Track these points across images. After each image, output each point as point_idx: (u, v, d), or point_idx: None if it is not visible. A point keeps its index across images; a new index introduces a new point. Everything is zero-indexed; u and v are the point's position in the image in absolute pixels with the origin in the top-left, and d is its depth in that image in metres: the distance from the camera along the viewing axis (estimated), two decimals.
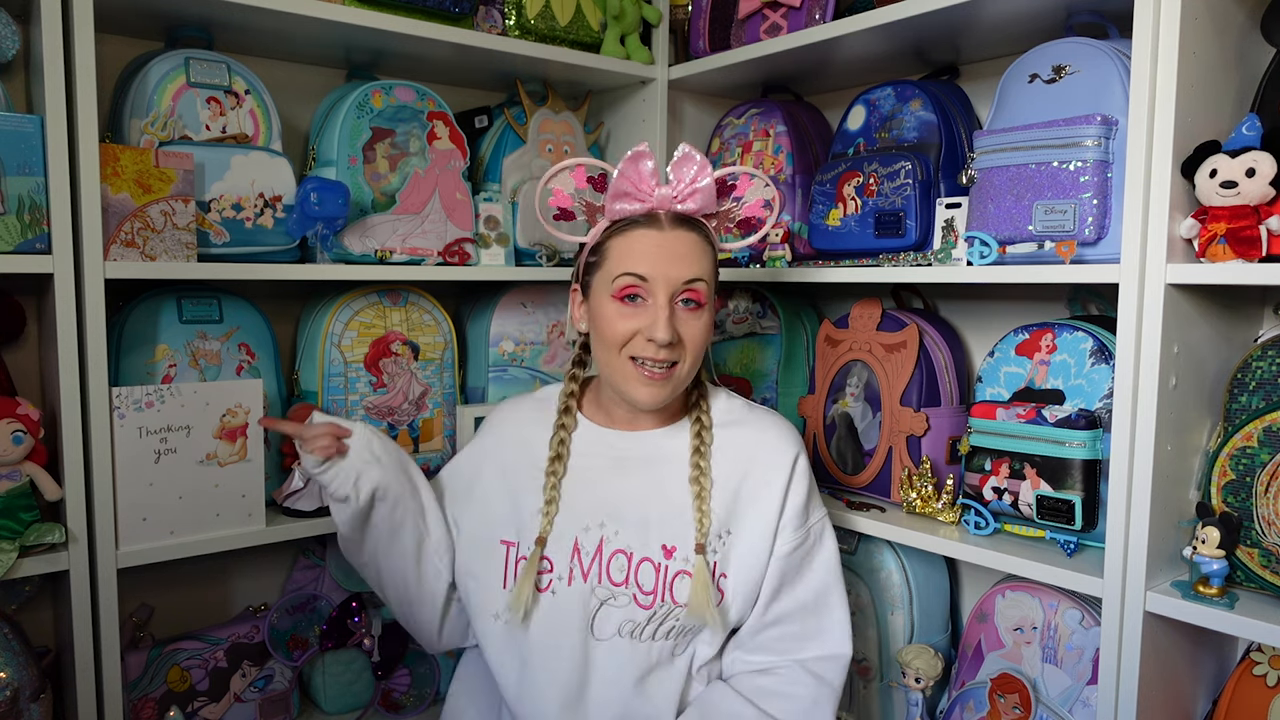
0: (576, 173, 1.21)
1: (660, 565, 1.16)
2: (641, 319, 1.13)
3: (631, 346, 1.14)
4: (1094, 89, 1.23)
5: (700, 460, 1.19)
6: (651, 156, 1.14)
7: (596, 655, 1.16)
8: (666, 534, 1.17)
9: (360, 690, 1.61)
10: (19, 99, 1.35)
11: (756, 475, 1.20)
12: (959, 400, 1.50)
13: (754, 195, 1.23)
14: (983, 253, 1.29)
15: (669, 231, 1.15)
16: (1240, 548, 1.12)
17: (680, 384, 1.18)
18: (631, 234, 1.15)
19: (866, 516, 1.44)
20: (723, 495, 1.18)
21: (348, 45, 1.55)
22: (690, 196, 1.15)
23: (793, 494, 1.20)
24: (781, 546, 1.18)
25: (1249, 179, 1.06)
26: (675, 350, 1.14)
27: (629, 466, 1.21)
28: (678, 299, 1.14)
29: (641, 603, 1.16)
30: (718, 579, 1.17)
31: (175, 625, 1.55)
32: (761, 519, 1.18)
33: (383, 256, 1.51)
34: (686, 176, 1.14)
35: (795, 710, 1.17)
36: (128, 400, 1.26)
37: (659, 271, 1.13)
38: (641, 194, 1.14)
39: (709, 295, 1.17)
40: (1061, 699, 1.31)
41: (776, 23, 1.60)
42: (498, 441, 1.29)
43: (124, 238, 1.26)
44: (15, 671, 1.22)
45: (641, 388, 1.15)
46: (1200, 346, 1.19)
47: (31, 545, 1.20)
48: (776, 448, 1.22)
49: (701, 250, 1.16)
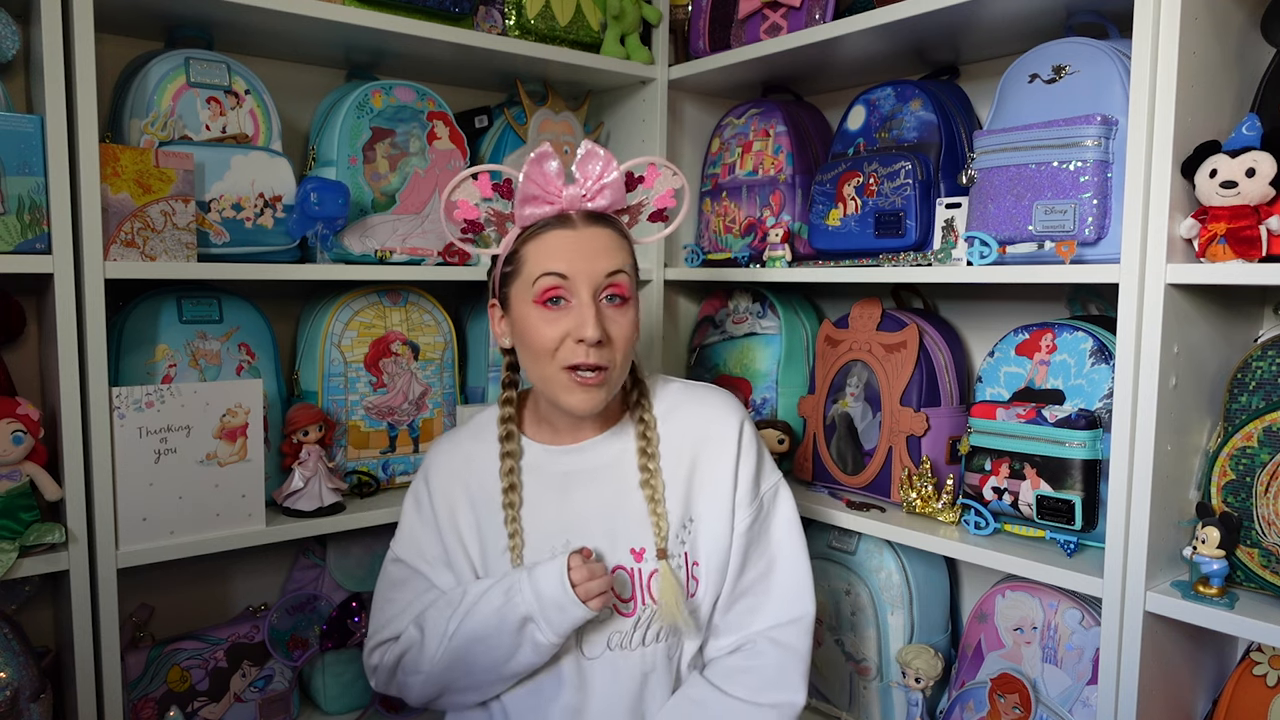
0: (480, 181, 1.17)
1: (633, 570, 1.15)
2: (567, 321, 1.09)
3: (562, 354, 1.10)
4: (1094, 89, 1.23)
5: (649, 463, 1.17)
6: (555, 157, 1.11)
7: (592, 674, 1.15)
8: (633, 537, 1.16)
9: (360, 690, 1.61)
10: (19, 99, 1.35)
11: (706, 454, 1.19)
12: (959, 400, 1.50)
13: (663, 185, 1.20)
14: (983, 253, 1.29)
15: (583, 229, 1.12)
16: (1240, 548, 1.12)
17: (615, 385, 1.14)
18: (545, 236, 1.12)
19: (866, 516, 1.44)
20: (677, 487, 1.17)
21: (348, 45, 1.55)
22: (599, 193, 1.12)
23: (743, 467, 1.19)
24: (740, 523, 1.18)
25: (1249, 179, 1.06)
26: (605, 351, 1.10)
27: (581, 480, 1.19)
28: (601, 295, 1.11)
29: (623, 611, 1.15)
30: (691, 568, 1.17)
31: (175, 625, 1.55)
32: (718, 499, 1.18)
33: (383, 256, 1.51)
34: (593, 173, 1.12)
35: (759, 683, 1.15)
36: (128, 400, 1.26)
37: (578, 268, 1.09)
38: (550, 195, 1.11)
39: (633, 289, 1.14)
40: (1061, 699, 1.31)
41: (776, 23, 1.60)
42: (445, 498, 1.22)
43: (124, 238, 1.26)
44: (15, 671, 1.22)
45: (577, 395, 1.11)
46: (1200, 346, 1.19)
47: (31, 545, 1.20)
48: (720, 421, 1.20)
49: (619, 244, 1.14)
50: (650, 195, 1.20)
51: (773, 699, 1.14)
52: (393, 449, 1.59)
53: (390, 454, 1.59)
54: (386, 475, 1.59)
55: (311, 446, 1.45)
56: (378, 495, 1.56)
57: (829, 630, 1.59)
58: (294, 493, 1.43)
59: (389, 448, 1.59)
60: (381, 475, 1.58)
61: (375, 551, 1.62)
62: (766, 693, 1.15)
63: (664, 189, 1.20)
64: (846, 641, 1.57)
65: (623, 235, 1.16)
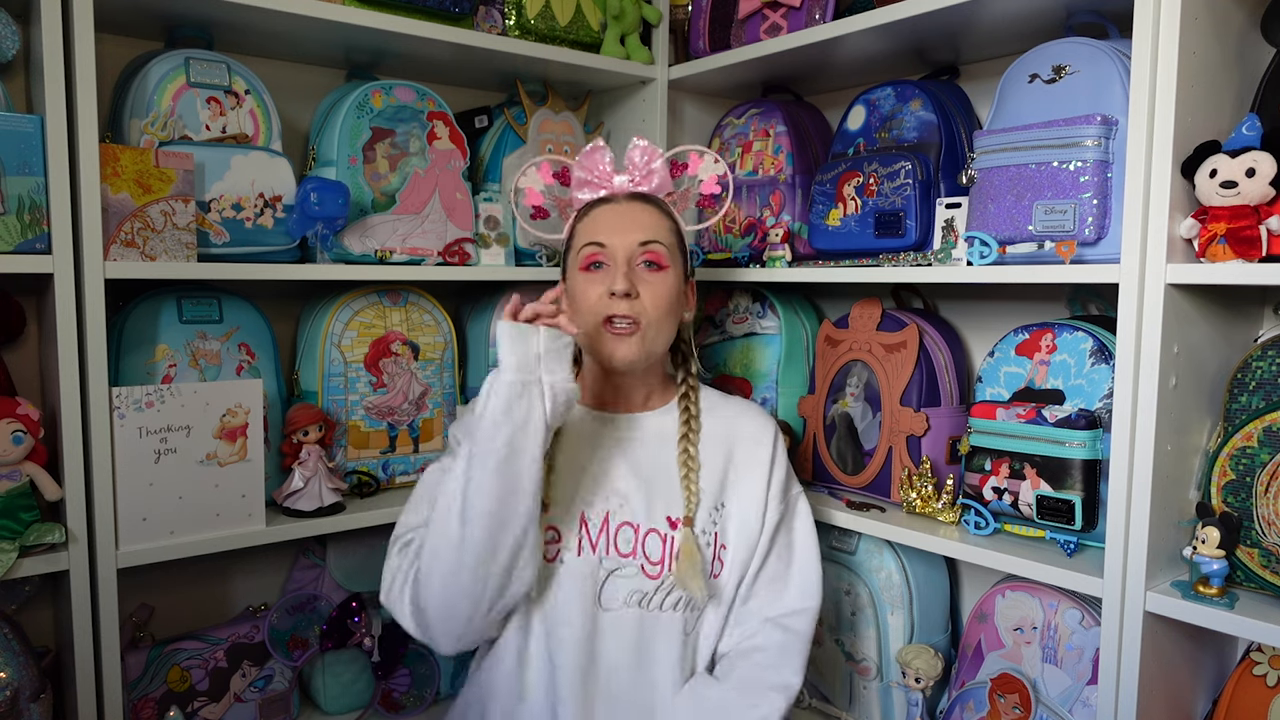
0: (542, 169, 1.35)
1: (666, 536, 1.21)
2: (604, 281, 1.21)
3: (599, 307, 1.21)
4: (1094, 89, 1.23)
5: (688, 445, 1.26)
6: (608, 150, 1.27)
7: (604, 625, 1.19)
8: (669, 507, 1.22)
9: (360, 690, 1.61)
10: (19, 99, 1.35)
11: (742, 450, 1.28)
12: (959, 400, 1.50)
13: (707, 171, 1.34)
14: (983, 253, 1.29)
15: (625, 204, 1.26)
16: (1240, 548, 1.12)
17: (650, 343, 1.22)
18: (593, 212, 1.27)
19: (866, 516, 1.44)
20: (712, 473, 1.26)
21: (348, 45, 1.55)
22: (645, 179, 1.27)
23: (777, 466, 1.29)
24: (771, 517, 1.26)
25: (1249, 179, 1.06)
26: (634, 304, 1.20)
27: (629, 446, 1.27)
28: (638, 261, 1.22)
29: (649, 573, 1.20)
30: (718, 550, 1.24)
31: (175, 625, 1.55)
32: (752, 491, 1.27)
33: (383, 256, 1.51)
34: (640, 161, 1.27)
35: (761, 663, 1.21)
36: (128, 400, 1.26)
37: (615, 239, 1.22)
38: (600, 180, 1.27)
39: (670, 259, 1.24)
40: (1061, 699, 1.31)
41: (776, 23, 1.60)
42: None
43: (124, 238, 1.26)
44: (15, 671, 1.22)
45: (614, 344, 1.21)
46: (1200, 346, 1.19)
47: (31, 545, 1.20)
48: (756, 422, 1.31)
49: (658, 218, 1.26)
50: (695, 181, 1.34)
51: (772, 680, 1.20)
52: (393, 449, 1.59)
53: (390, 454, 1.59)
54: (386, 475, 1.59)
55: (311, 446, 1.45)
56: (378, 495, 1.56)
57: (829, 630, 1.59)
58: (294, 493, 1.43)
59: (389, 448, 1.59)
60: (381, 475, 1.58)
61: (375, 551, 1.62)
62: (766, 674, 1.21)
63: (708, 175, 1.34)
64: (846, 641, 1.57)
65: (665, 213, 1.28)
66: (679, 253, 1.27)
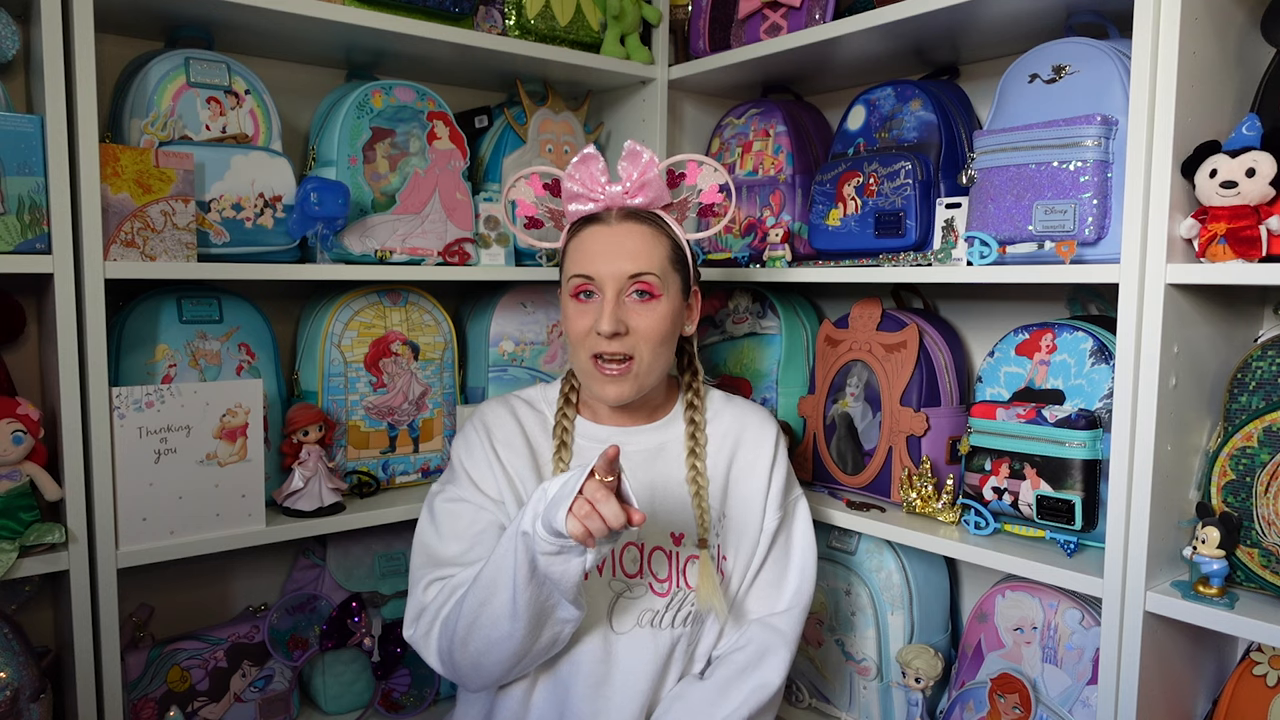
0: (532, 181, 1.28)
1: (671, 553, 1.21)
2: (593, 314, 1.17)
3: (589, 343, 1.17)
4: (1094, 89, 1.23)
5: (696, 462, 1.24)
6: (600, 158, 1.18)
7: (618, 648, 1.18)
8: (674, 522, 1.22)
9: (360, 690, 1.61)
10: (19, 99, 1.35)
11: (743, 456, 1.28)
12: (959, 400, 1.50)
13: (707, 181, 1.27)
14: (983, 253, 1.29)
15: (617, 226, 1.19)
16: (1240, 548, 1.12)
17: (644, 377, 1.19)
18: (583, 233, 1.20)
19: (866, 516, 1.44)
20: (715, 483, 1.25)
21: (348, 45, 1.55)
22: (640, 190, 1.18)
23: (776, 473, 1.28)
24: (769, 524, 1.26)
25: (1249, 179, 1.06)
26: (625, 341, 1.16)
27: (633, 462, 1.23)
28: (628, 293, 1.18)
29: (658, 590, 1.20)
30: (719, 562, 1.23)
31: (175, 625, 1.55)
32: (752, 498, 1.26)
33: (383, 256, 1.51)
34: (635, 171, 1.18)
35: (740, 662, 1.21)
36: (128, 400, 1.26)
37: (605, 270, 1.17)
38: (593, 193, 1.19)
39: (664, 286, 1.19)
40: (1061, 699, 1.31)
41: (776, 23, 1.60)
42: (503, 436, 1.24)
43: (124, 238, 1.26)
44: (15, 671, 1.22)
45: (603, 385, 1.18)
46: (1200, 346, 1.19)
47: (31, 545, 1.20)
48: (758, 428, 1.30)
49: (653, 242, 1.19)
50: (695, 191, 1.28)
51: (748, 679, 1.20)
52: (393, 449, 1.59)
53: (390, 454, 1.59)
54: (386, 475, 1.59)
55: (311, 446, 1.45)
56: (378, 495, 1.56)
57: (829, 630, 1.59)
58: (294, 493, 1.43)
59: (389, 448, 1.59)
60: (381, 475, 1.58)
61: (375, 551, 1.62)
62: (744, 673, 1.20)
63: (709, 184, 1.26)
64: (846, 641, 1.57)
65: (661, 232, 1.21)
66: (676, 273, 1.22)
